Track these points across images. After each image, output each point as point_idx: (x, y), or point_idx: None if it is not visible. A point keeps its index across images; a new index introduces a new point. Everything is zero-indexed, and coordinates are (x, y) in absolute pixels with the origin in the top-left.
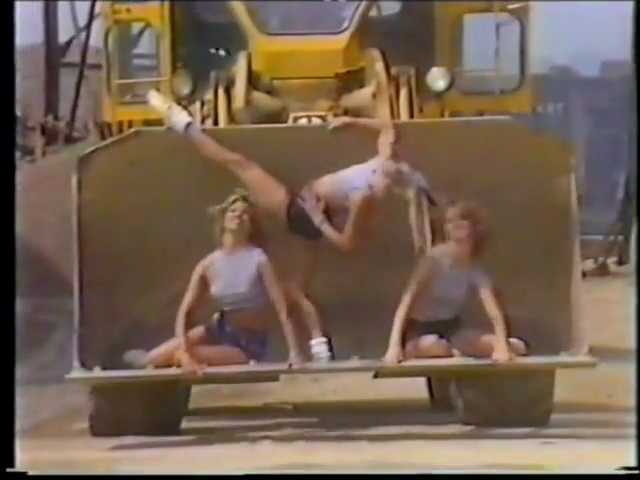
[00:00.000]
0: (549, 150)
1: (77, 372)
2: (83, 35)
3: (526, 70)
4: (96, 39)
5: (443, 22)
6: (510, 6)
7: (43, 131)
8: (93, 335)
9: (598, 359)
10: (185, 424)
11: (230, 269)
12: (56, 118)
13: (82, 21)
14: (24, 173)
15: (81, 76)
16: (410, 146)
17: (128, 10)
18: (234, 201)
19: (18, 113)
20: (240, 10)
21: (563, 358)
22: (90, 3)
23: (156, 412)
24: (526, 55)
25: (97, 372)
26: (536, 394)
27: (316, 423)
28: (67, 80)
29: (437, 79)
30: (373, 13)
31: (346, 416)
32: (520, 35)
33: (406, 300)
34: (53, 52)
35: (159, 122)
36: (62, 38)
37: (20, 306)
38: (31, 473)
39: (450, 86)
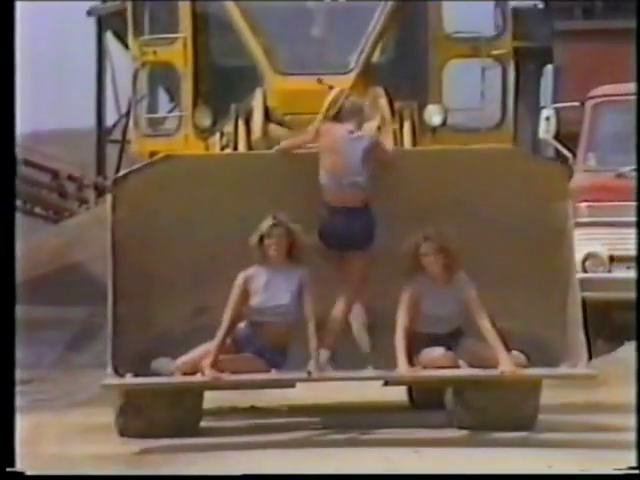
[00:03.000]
0: (547, 175)
1: (111, 379)
2: (123, 120)
3: (507, 109)
4: None
5: (434, 66)
6: (494, 52)
7: (96, 187)
8: (125, 344)
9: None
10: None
11: (273, 283)
12: (105, 178)
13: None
14: (83, 217)
15: (122, 149)
16: (417, 172)
17: (154, 53)
18: (272, 226)
19: (78, 175)
20: (257, 52)
21: (564, 370)
22: (128, 97)
23: (178, 414)
24: (507, 96)
25: (129, 379)
26: (526, 401)
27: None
28: (112, 152)
29: (433, 115)
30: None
31: (340, 418)
32: (502, 78)
33: (400, 323)
34: (102, 133)
35: None
36: (109, 122)
37: (80, 312)
38: (29, 473)
39: (445, 121)
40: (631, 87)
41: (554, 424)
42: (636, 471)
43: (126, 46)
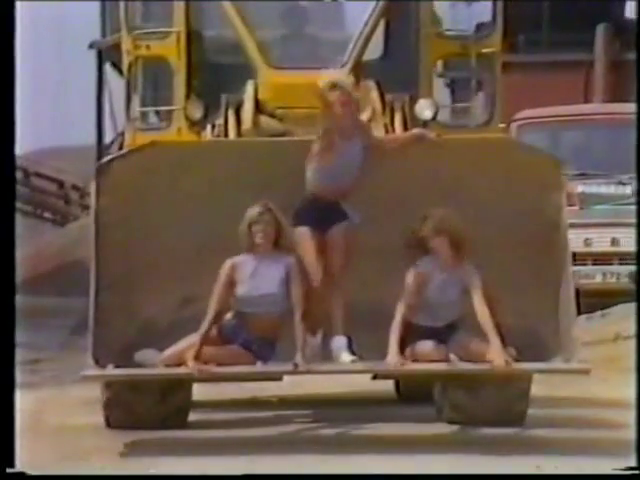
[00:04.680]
0: (541, 166)
1: (91, 370)
2: (119, 138)
3: (495, 107)
4: None
5: (425, 63)
6: (483, 50)
7: None
8: (107, 334)
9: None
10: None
11: (260, 271)
12: None
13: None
14: (85, 221)
15: None
16: (410, 161)
17: (148, 47)
18: (260, 213)
19: (81, 184)
20: (250, 46)
21: (557, 364)
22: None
23: (166, 406)
24: (495, 94)
25: (110, 370)
26: (515, 395)
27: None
28: None
29: (425, 109)
30: None
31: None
32: (491, 77)
33: (400, 310)
34: (101, 149)
35: None
36: (107, 140)
37: (83, 302)
38: (30, 473)
39: (435, 116)
40: (547, 111)
41: None
42: (636, 471)
43: (121, 73)
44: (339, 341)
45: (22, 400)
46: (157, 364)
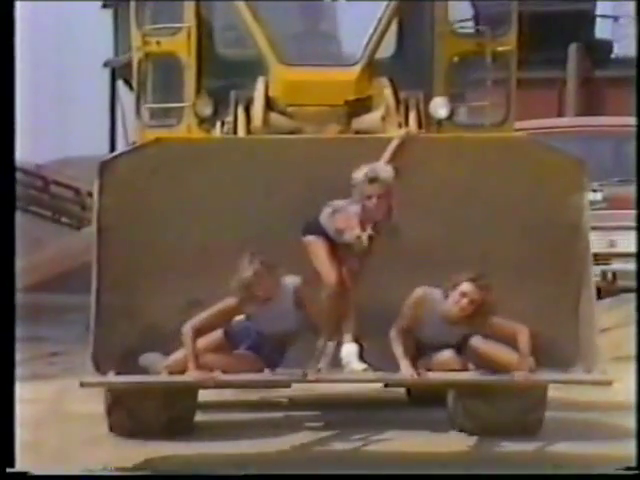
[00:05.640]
0: (563, 167)
1: (91, 376)
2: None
3: (511, 106)
4: None
5: (439, 61)
6: (499, 48)
7: None
8: (109, 338)
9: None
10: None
11: (269, 312)
12: None
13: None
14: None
15: None
16: (426, 160)
17: (158, 43)
18: (255, 275)
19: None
20: (262, 42)
21: (578, 375)
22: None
23: (171, 409)
24: (511, 92)
25: (111, 377)
26: (531, 404)
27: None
28: None
29: (439, 107)
30: None
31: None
32: (506, 75)
33: (398, 324)
34: None
35: None
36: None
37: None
38: (31, 473)
39: (451, 115)
40: (524, 125)
41: None
42: (636, 471)
43: (133, 89)
44: (349, 349)
45: (40, 390)
46: (161, 369)
